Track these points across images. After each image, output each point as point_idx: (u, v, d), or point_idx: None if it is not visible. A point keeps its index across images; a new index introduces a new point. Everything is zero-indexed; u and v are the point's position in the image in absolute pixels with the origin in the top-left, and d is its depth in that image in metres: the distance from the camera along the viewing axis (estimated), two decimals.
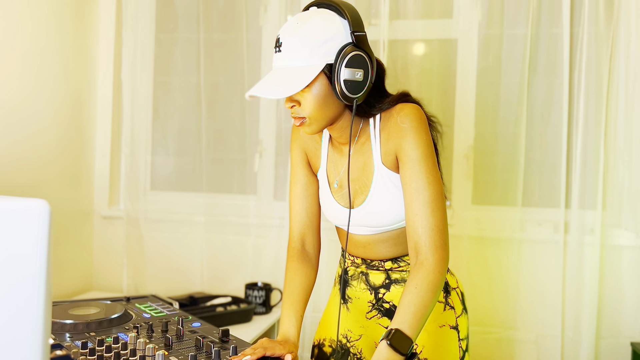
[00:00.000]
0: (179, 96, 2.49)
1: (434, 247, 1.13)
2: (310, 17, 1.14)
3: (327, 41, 1.12)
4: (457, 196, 2.21)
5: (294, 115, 1.19)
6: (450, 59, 2.24)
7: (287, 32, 1.14)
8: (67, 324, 1.24)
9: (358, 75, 1.13)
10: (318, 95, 1.15)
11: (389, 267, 1.31)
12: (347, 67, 1.12)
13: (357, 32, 1.13)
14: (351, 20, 1.13)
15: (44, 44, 2.12)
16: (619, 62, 2.08)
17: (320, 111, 1.17)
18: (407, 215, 1.17)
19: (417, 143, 1.17)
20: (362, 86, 1.14)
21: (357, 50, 1.13)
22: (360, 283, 1.35)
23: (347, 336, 1.38)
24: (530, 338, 2.15)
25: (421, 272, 1.11)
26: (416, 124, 1.17)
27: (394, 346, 1.02)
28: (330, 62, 1.13)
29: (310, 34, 1.12)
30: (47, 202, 0.70)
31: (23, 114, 2.02)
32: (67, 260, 2.33)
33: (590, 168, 2.07)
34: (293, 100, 1.18)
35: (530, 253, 2.15)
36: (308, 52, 1.12)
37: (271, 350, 1.16)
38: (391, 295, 1.31)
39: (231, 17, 2.40)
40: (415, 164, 1.16)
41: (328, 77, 1.14)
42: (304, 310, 1.31)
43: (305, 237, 1.39)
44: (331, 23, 1.13)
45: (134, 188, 2.43)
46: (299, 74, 1.12)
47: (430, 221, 1.13)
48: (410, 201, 1.16)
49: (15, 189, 1.97)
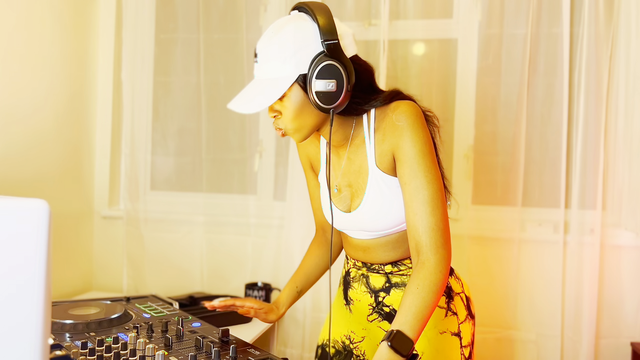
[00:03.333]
0: (179, 96, 2.49)
1: (435, 246, 1.11)
2: (283, 26, 1.13)
3: (299, 51, 1.10)
4: (457, 196, 2.21)
5: (275, 126, 1.19)
6: (450, 59, 2.24)
7: (263, 43, 1.14)
8: (67, 324, 1.24)
9: (330, 86, 1.10)
10: (295, 104, 1.14)
11: (389, 270, 1.29)
12: (319, 78, 1.10)
13: (327, 40, 1.10)
14: (322, 28, 1.10)
15: (44, 44, 2.12)
16: (619, 62, 2.08)
17: (299, 121, 1.16)
18: (407, 215, 1.15)
19: (415, 141, 1.14)
20: (337, 96, 1.11)
21: (329, 59, 1.10)
22: (361, 285, 1.34)
23: (350, 337, 1.37)
24: (530, 338, 2.15)
25: (422, 272, 1.09)
26: (412, 120, 1.15)
27: (394, 347, 1.01)
28: (303, 72, 1.11)
29: (283, 44, 1.11)
30: (47, 202, 0.70)
31: (23, 114, 2.02)
32: (67, 260, 2.33)
33: (590, 168, 2.07)
34: (274, 111, 1.17)
35: (530, 253, 2.15)
36: (281, 62, 1.11)
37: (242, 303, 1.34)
38: (391, 299, 1.29)
39: (231, 17, 2.40)
40: (413, 162, 1.14)
41: (303, 87, 1.13)
42: (304, 285, 1.47)
43: (324, 227, 1.50)
44: (303, 31, 1.11)
45: (134, 188, 2.43)
46: (272, 85, 1.12)
47: (431, 220, 1.11)
48: (409, 201, 1.14)
49: (15, 189, 1.97)
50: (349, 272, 1.38)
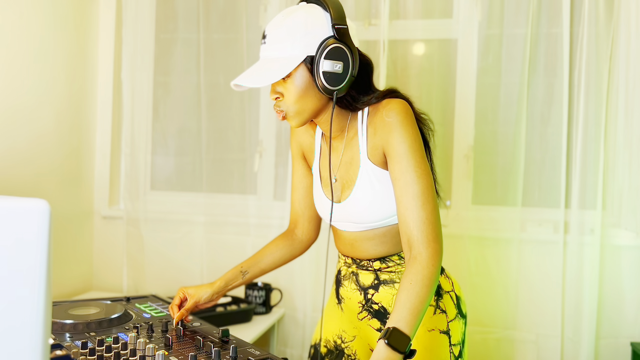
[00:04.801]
0: (179, 96, 2.49)
1: (427, 240, 1.12)
2: (294, 10, 1.17)
3: (309, 33, 1.14)
4: (457, 196, 2.21)
5: (276, 108, 1.21)
6: (450, 59, 2.24)
7: (273, 25, 1.17)
8: (67, 324, 1.24)
9: (337, 68, 1.14)
10: (299, 87, 1.17)
11: (377, 267, 1.30)
12: (327, 59, 1.13)
13: (338, 25, 1.14)
14: (333, 13, 1.15)
15: (45, 44, 2.12)
16: (619, 62, 2.08)
17: (302, 103, 1.19)
18: (399, 210, 1.16)
19: (404, 137, 1.16)
20: (342, 78, 1.15)
21: (338, 42, 1.14)
22: (351, 283, 1.35)
23: (342, 337, 1.38)
24: (530, 338, 2.15)
25: (415, 266, 1.10)
26: (402, 117, 1.17)
27: (392, 345, 1.01)
28: (311, 54, 1.15)
29: (293, 26, 1.14)
30: (47, 202, 0.70)
31: (23, 114, 2.02)
32: (67, 260, 2.33)
33: (590, 168, 2.07)
34: (277, 92, 1.20)
35: (530, 253, 2.15)
36: (290, 43, 1.14)
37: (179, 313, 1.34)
38: (380, 297, 1.30)
39: (231, 17, 2.40)
40: (402, 158, 1.16)
41: (309, 69, 1.16)
42: (251, 269, 1.45)
43: (297, 223, 1.49)
44: (314, 16, 1.15)
45: (134, 188, 2.43)
46: (280, 64, 1.15)
47: (421, 214, 1.12)
48: (400, 196, 1.15)
49: (15, 189, 1.97)
50: (340, 270, 1.40)
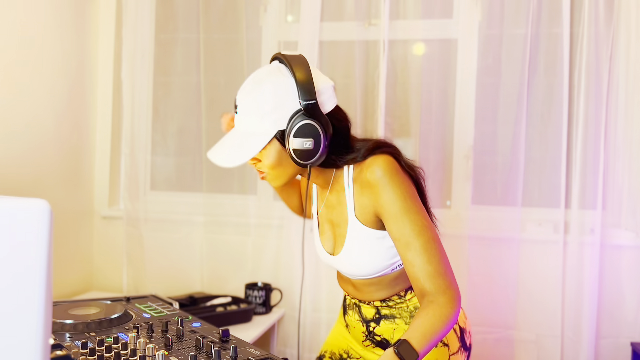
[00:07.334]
0: (179, 96, 2.49)
1: (441, 290, 1.09)
2: (263, 80, 1.14)
3: (277, 108, 1.12)
4: (457, 196, 2.21)
5: (258, 169, 1.22)
6: (450, 59, 2.24)
7: (242, 94, 1.16)
8: (67, 324, 1.24)
9: (307, 145, 1.11)
10: (273, 158, 1.17)
11: (378, 304, 1.31)
12: (296, 137, 1.11)
13: (306, 100, 1.10)
14: (300, 86, 1.11)
15: (44, 44, 2.12)
16: (619, 62, 2.08)
17: (278, 170, 1.19)
18: (405, 267, 1.14)
19: (394, 196, 1.13)
20: (314, 154, 1.13)
21: (307, 119, 1.11)
22: (355, 314, 1.37)
23: (349, 352, 1.41)
24: (530, 338, 2.15)
25: (431, 306, 1.07)
26: (388, 176, 1.14)
27: (400, 354, 1.01)
28: (281, 129, 1.13)
29: (261, 100, 1.13)
30: (47, 202, 0.70)
31: (23, 114, 2.02)
32: (67, 260, 2.33)
33: (590, 168, 2.07)
34: (254, 159, 1.20)
35: (530, 253, 2.15)
36: (259, 119, 1.13)
37: None
38: (381, 330, 1.31)
39: (231, 17, 2.40)
40: (397, 217, 1.13)
41: (281, 142, 1.15)
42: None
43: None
44: (283, 89, 1.12)
45: (134, 188, 2.43)
46: (250, 141, 1.14)
47: (429, 269, 1.10)
48: (404, 255, 1.13)
49: (15, 189, 1.97)
50: (345, 298, 1.42)
